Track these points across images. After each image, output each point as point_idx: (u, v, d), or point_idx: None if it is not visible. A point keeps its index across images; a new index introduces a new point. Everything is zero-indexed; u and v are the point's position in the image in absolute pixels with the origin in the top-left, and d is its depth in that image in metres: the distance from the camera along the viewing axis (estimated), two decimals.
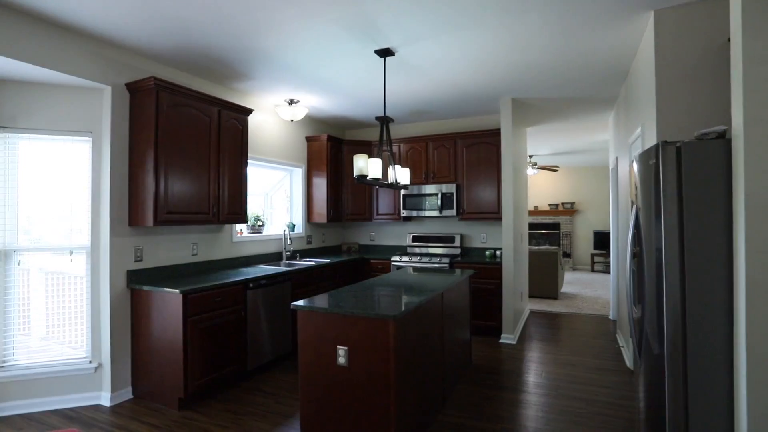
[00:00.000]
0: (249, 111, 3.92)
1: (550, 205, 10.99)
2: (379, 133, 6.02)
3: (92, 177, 3.09)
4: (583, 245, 10.70)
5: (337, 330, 2.35)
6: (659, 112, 2.58)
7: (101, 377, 3.08)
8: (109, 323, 3.05)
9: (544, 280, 6.82)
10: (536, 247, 7.08)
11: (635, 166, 2.41)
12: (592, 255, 10.08)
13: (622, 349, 4.24)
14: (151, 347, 3.09)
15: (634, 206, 2.26)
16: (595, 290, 7.66)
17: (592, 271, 10.13)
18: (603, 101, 4.74)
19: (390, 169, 3.27)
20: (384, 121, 3.20)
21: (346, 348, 2.31)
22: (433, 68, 3.63)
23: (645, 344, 2.16)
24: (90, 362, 3.06)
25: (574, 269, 10.58)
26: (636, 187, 2.39)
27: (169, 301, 2.99)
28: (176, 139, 3.23)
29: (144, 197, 3.11)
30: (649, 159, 1.91)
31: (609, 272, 9.82)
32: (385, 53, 3.21)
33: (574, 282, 8.63)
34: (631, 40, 3.11)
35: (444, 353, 3.06)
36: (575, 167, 10.77)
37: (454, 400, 3.13)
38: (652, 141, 2.76)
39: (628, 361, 3.82)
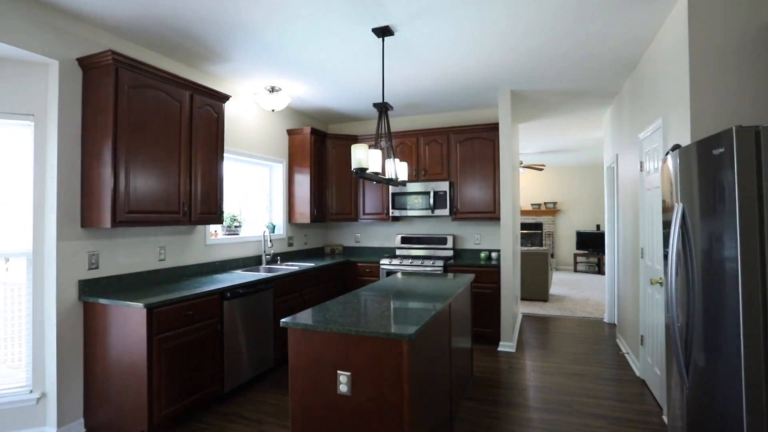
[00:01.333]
0: (226, 97, 3.46)
1: (532, 204, 10.89)
2: (367, 127, 5.65)
3: (35, 169, 2.58)
4: (566, 245, 10.65)
5: (337, 352, 1.96)
6: (693, 101, 2.33)
7: (45, 409, 2.56)
8: (55, 344, 2.55)
9: (535, 282, 6.61)
10: (525, 248, 6.87)
11: (670, 161, 2.15)
12: (575, 255, 10.02)
13: (626, 356, 4.02)
14: (108, 372, 2.60)
15: (679, 205, 1.99)
16: (582, 291, 7.53)
17: (575, 271, 10.08)
18: (602, 95, 4.53)
19: (389, 163, 2.91)
20: (383, 108, 2.83)
21: (348, 374, 1.93)
22: (433, 52, 3.28)
23: (693, 357, 1.89)
24: (31, 392, 2.54)
25: (557, 269, 10.50)
26: (672, 184, 2.13)
27: (131, 316, 2.52)
28: (140, 127, 2.76)
29: (100, 194, 2.62)
30: (713, 148, 1.63)
31: (591, 272, 9.79)
32: (384, 32, 2.84)
33: (559, 283, 8.50)
34: (646, 29, 2.88)
35: (452, 370, 2.72)
36: (559, 166, 10.71)
37: (461, 420, 2.80)
38: (679, 133, 2.52)
39: (637, 370, 3.60)
